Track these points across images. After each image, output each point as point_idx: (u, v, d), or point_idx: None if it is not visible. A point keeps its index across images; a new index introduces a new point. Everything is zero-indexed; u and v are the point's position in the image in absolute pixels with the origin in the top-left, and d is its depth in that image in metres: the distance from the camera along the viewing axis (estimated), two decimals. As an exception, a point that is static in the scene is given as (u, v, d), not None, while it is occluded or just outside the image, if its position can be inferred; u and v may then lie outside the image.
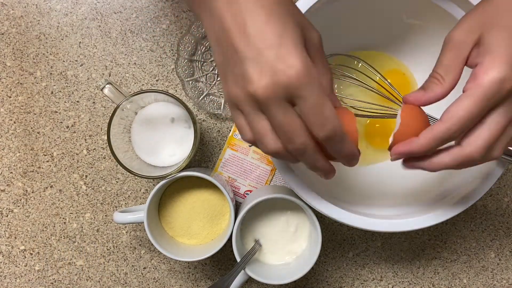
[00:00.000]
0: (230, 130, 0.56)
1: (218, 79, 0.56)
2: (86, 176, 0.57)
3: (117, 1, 0.56)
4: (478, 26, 0.34)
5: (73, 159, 0.57)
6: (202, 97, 0.55)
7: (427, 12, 0.46)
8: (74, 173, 0.57)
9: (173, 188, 0.53)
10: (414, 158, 0.36)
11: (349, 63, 0.50)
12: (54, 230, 0.57)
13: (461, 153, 0.34)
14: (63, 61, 0.56)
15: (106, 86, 0.47)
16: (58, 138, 0.57)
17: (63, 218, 0.57)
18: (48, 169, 0.57)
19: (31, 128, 0.56)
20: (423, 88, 0.36)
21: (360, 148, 0.35)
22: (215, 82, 0.56)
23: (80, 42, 0.56)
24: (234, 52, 0.30)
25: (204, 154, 0.57)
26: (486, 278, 0.58)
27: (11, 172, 0.57)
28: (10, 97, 0.56)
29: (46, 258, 0.57)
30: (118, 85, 0.53)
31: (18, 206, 0.57)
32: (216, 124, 0.57)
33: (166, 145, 0.52)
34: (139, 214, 0.50)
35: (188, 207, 0.53)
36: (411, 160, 0.37)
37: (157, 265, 0.58)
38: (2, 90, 0.56)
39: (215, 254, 0.50)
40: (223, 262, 0.58)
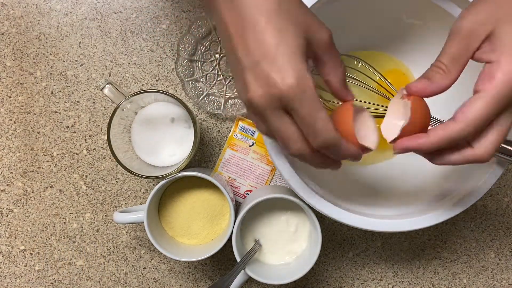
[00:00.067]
0: (230, 130, 0.56)
1: (218, 79, 0.56)
2: (86, 176, 0.57)
3: (117, 1, 0.56)
4: (491, 18, 0.32)
5: (73, 159, 0.57)
6: (202, 97, 0.55)
7: (427, 12, 0.46)
8: (74, 173, 0.57)
9: (173, 188, 0.53)
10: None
11: (349, 63, 0.50)
12: (54, 230, 0.57)
13: (473, 155, 0.33)
14: (63, 61, 0.56)
15: (106, 86, 0.47)
16: (58, 138, 0.57)
17: (63, 218, 0.57)
18: (48, 169, 0.57)
19: (31, 128, 0.56)
20: (427, 78, 0.34)
21: None
22: (215, 82, 0.56)
23: (80, 42, 0.56)
24: (236, 58, 0.31)
25: (204, 154, 0.57)
26: (486, 278, 0.58)
27: (11, 172, 0.57)
28: (10, 97, 0.56)
29: (46, 258, 0.57)
30: (118, 85, 0.53)
31: (18, 206, 0.57)
32: (216, 124, 0.57)
33: (166, 145, 0.52)
34: (139, 214, 0.50)
35: (188, 207, 0.53)
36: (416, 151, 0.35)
37: (157, 265, 0.58)
38: (2, 90, 0.56)
39: (215, 254, 0.50)
40: (223, 262, 0.58)
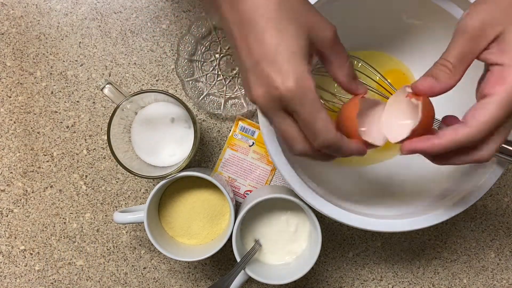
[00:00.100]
0: (230, 130, 0.56)
1: (218, 79, 0.56)
2: (86, 176, 0.57)
3: (117, 1, 0.56)
4: (500, 18, 0.31)
5: (73, 159, 0.57)
6: (202, 97, 0.55)
7: (427, 12, 0.46)
8: (74, 173, 0.57)
9: (173, 188, 0.53)
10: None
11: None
12: (54, 230, 0.57)
13: (479, 157, 0.33)
14: (63, 61, 0.56)
15: (106, 86, 0.47)
16: (58, 138, 0.57)
17: (63, 218, 0.57)
18: (48, 169, 0.57)
19: (31, 128, 0.56)
20: (433, 76, 0.33)
21: None
22: (215, 82, 0.56)
23: (80, 42, 0.56)
24: (239, 59, 0.31)
25: (204, 154, 0.57)
26: (486, 278, 0.58)
27: (11, 172, 0.57)
28: (10, 97, 0.56)
29: (46, 258, 0.57)
30: (118, 85, 0.53)
31: (18, 206, 0.57)
32: (216, 124, 0.57)
33: (166, 145, 0.52)
34: (139, 214, 0.50)
35: (188, 207, 0.53)
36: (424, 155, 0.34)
37: (157, 265, 0.58)
38: (2, 90, 0.56)
39: (215, 254, 0.50)
40: (223, 262, 0.58)
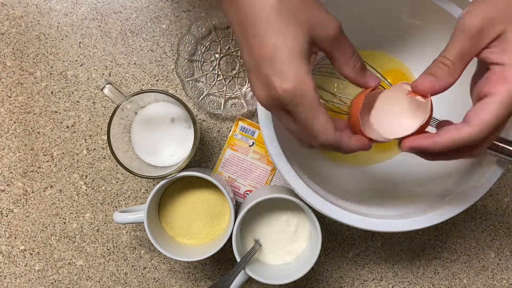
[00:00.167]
0: (230, 130, 0.56)
1: (218, 79, 0.56)
2: (86, 176, 0.57)
3: (117, 1, 0.56)
4: (502, 17, 0.31)
5: (73, 159, 0.57)
6: (202, 97, 0.55)
7: (427, 12, 0.46)
8: (74, 173, 0.57)
9: (173, 188, 0.53)
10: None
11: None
12: (54, 230, 0.57)
13: (473, 155, 0.33)
14: (63, 61, 0.56)
15: (106, 86, 0.47)
16: (58, 138, 0.57)
17: (63, 218, 0.57)
18: (48, 169, 0.57)
19: (31, 128, 0.56)
20: (432, 74, 0.33)
21: None
22: (215, 82, 0.56)
23: (80, 42, 0.56)
24: (243, 59, 0.32)
25: (204, 154, 0.57)
26: (486, 278, 0.58)
27: (11, 172, 0.57)
28: (10, 97, 0.56)
29: (46, 258, 0.57)
30: (118, 85, 0.53)
31: (18, 206, 0.57)
32: (216, 124, 0.57)
33: (166, 145, 0.52)
34: (139, 214, 0.50)
35: (188, 207, 0.53)
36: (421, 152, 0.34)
37: (157, 265, 0.58)
38: (2, 90, 0.56)
39: (215, 254, 0.50)
40: (223, 262, 0.58)
